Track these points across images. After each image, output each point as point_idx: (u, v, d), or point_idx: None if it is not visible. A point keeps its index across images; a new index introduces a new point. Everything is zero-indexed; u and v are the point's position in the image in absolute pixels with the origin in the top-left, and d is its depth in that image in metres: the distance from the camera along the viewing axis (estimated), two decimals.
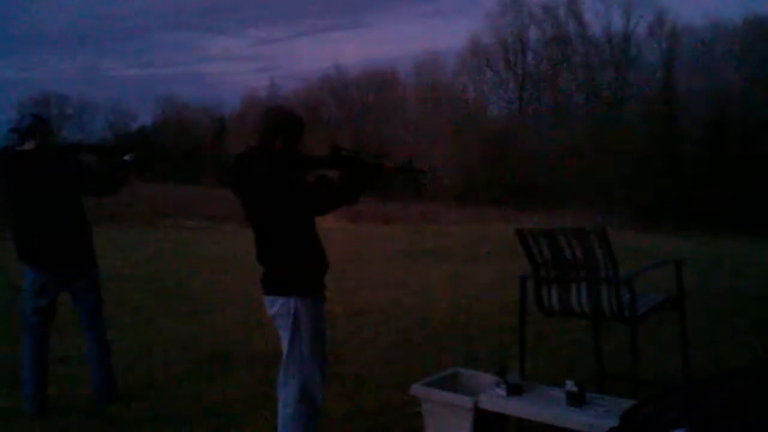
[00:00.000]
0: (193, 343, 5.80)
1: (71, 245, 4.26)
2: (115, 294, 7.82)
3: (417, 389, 3.54)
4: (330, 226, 14.42)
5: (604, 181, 29.44)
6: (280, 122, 3.16)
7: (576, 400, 3.18)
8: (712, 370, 4.45)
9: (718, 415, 2.04)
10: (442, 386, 3.55)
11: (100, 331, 4.45)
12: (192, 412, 4.21)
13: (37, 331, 4.31)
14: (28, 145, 4.18)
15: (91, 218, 4.38)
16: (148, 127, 45.43)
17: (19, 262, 4.31)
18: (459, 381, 3.70)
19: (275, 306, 3.14)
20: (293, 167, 3.09)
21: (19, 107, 39.49)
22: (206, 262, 10.57)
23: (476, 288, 7.96)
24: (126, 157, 4.40)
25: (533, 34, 39.47)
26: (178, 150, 35.89)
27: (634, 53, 37.22)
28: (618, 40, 37.26)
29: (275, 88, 46.72)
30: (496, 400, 3.32)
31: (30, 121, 4.21)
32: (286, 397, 3.14)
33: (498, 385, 3.38)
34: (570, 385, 3.22)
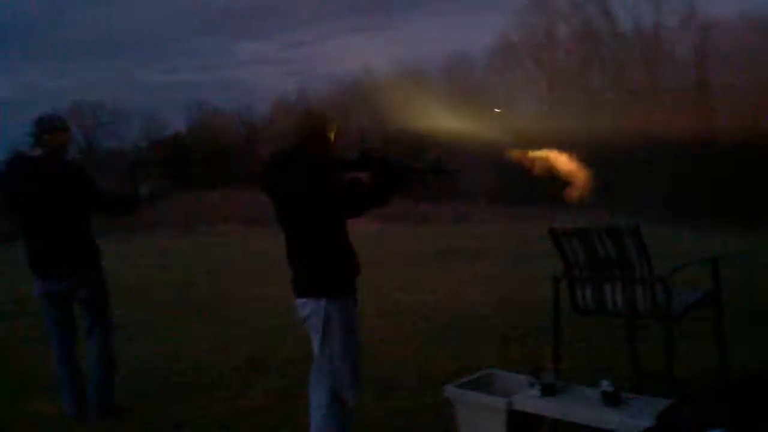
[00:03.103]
0: (227, 347, 5.85)
1: (69, 255, 4.16)
2: (150, 299, 7.95)
3: (451, 391, 3.54)
4: (361, 228, 14.45)
5: (636, 178, 29.08)
6: (312, 125, 3.18)
7: (611, 400, 3.14)
8: (750, 369, 4.37)
9: (757, 415, 2.00)
10: (476, 387, 3.54)
11: (101, 341, 4.31)
12: (227, 416, 4.25)
13: (61, 338, 4.28)
14: (36, 152, 4.14)
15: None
16: (182, 133, 45.86)
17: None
18: (493, 382, 3.68)
19: (306, 308, 3.15)
20: (325, 170, 3.10)
21: None
22: (239, 265, 10.66)
23: (509, 288, 7.91)
24: (142, 191, 4.35)
25: (562, 30, 39.13)
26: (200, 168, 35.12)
27: (666, 48, 36.68)
28: (649, 35, 36.75)
29: (305, 91, 46.94)
30: (530, 400, 3.30)
31: (33, 128, 4.14)
32: (317, 399, 3.15)
33: (532, 386, 3.36)
34: (605, 384, 3.19)
